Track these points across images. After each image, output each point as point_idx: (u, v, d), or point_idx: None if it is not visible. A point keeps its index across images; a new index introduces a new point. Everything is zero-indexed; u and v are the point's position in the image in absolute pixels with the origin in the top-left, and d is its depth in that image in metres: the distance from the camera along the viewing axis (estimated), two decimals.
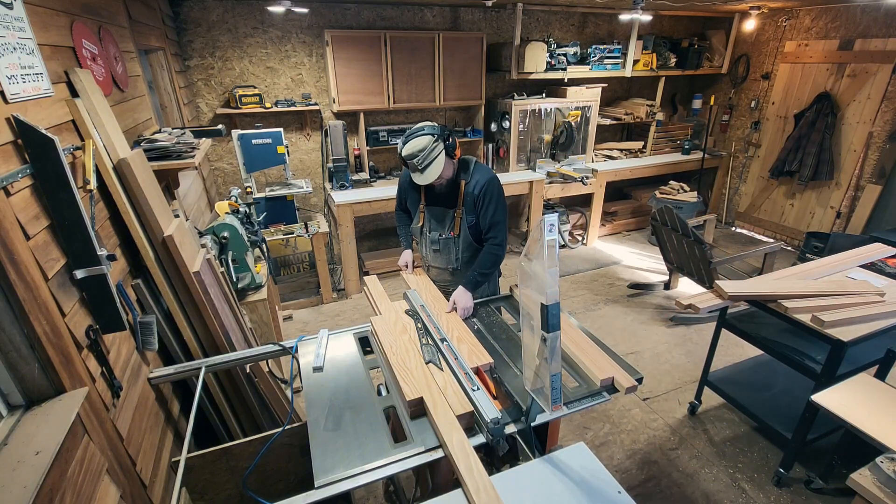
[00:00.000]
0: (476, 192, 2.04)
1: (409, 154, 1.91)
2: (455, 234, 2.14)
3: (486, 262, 2.06)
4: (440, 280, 2.31)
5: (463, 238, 2.14)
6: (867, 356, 2.28)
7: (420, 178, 1.95)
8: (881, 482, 1.51)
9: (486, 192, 2.03)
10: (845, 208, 4.65)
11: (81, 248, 1.31)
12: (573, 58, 4.75)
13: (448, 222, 2.15)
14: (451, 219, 2.14)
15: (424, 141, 1.90)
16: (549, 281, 1.06)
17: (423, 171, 1.93)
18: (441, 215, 2.16)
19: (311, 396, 1.53)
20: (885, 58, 4.21)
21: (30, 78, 1.30)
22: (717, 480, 2.35)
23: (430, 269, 2.33)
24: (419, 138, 1.91)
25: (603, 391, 1.53)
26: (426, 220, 2.21)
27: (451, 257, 2.21)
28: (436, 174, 1.94)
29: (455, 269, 2.24)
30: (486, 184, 2.03)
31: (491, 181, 2.05)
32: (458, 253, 2.19)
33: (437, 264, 2.27)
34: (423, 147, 1.89)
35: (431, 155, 1.91)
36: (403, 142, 1.95)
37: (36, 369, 1.15)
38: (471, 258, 2.19)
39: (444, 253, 2.21)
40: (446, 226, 2.16)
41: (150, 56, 3.08)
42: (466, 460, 1.23)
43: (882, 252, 2.78)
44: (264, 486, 1.68)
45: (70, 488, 1.09)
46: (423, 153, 1.89)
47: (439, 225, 2.18)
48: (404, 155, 1.93)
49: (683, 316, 3.75)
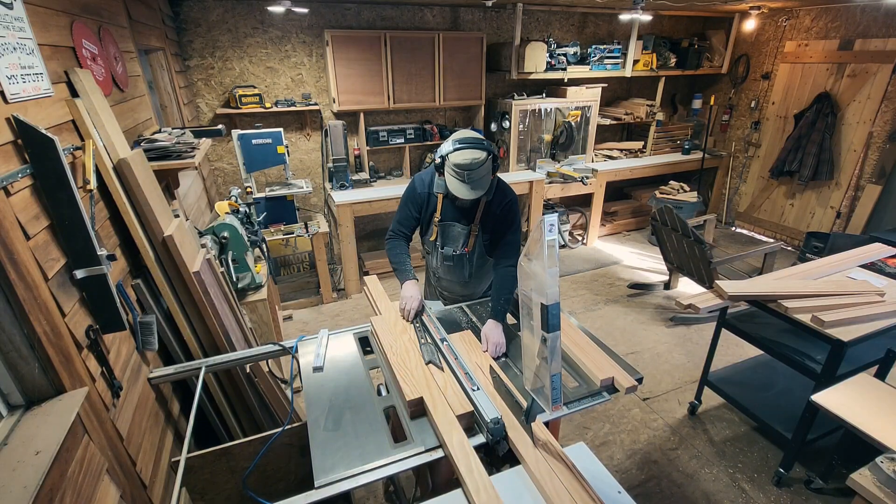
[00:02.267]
0: (498, 212, 1.95)
1: (466, 164, 1.72)
2: (469, 250, 2.05)
3: (507, 286, 1.89)
4: (450, 291, 2.26)
5: (477, 255, 2.07)
6: (867, 356, 2.28)
7: (465, 191, 1.76)
8: (881, 482, 1.51)
9: (509, 213, 1.95)
10: (845, 208, 4.65)
11: (81, 248, 1.31)
12: (573, 58, 4.75)
13: (463, 239, 2.03)
14: (466, 236, 2.02)
15: (482, 155, 1.73)
16: (549, 281, 1.06)
17: (473, 186, 1.76)
18: (456, 231, 2.03)
19: (311, 396, 1.53)
20: (885, 58, 4.21)
21: (30, 78, 1.30)
22: (717, 480, 2.35)
23: (440, 281, 2.25)
24: (477, 150, 1.74)
25: (603, 391, 1.53)
26: (439, 235, 2.07)
27: (463, 273, 2.14)
28: (481, 192, 1.79)
29: (466, 282, 2.19)
30: (508, 204, 1.94)
31: (514, 202, 1.97)
32: (471, 269, 2.12)
33: (448, 277, 2.20)
34: (480, 161, 1.73)
35: (484, 170, 1.76)
36: (454, 147, 1.75)
37: (36, 369, 1.15)
38: (483, 267, 2.14)
39: (457, 268, 2.12)
40: (461, 242, 2.04)
41: (150, 56, 3.08)
42: (466, 460, 1.23)
43: (882, 252, 2.78)
44: (264, 486, 1.68)
45: (70, 488, 1.09)
46: (482, 168, 1.74)
47: (453, 241, 2.06)
48: (458, 163, 1.72)
49: (683, 316, 3.76)
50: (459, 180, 1.76)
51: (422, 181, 2.02)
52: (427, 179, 2.01)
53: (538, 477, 1.20)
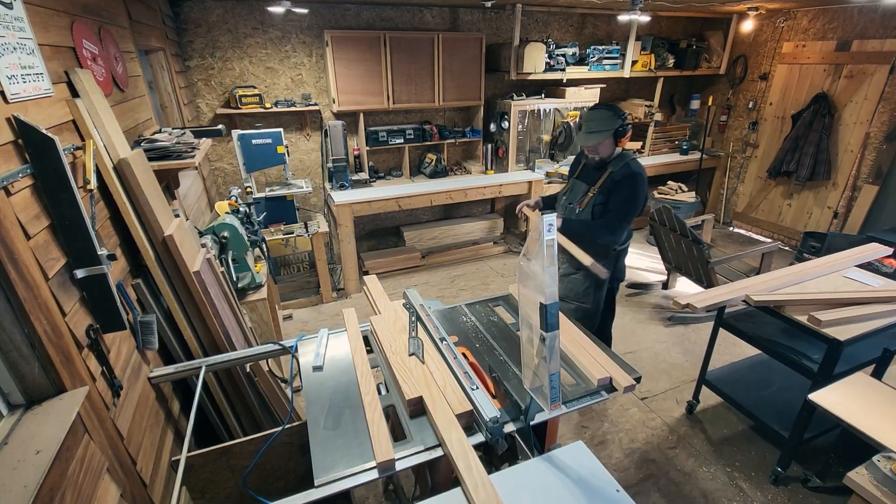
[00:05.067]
0: (617, 179, 2.23)
1: (588, 117, 2.22)
2: (581, 206, 2.33)
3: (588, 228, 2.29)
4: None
5: (585, 214, 2.33)
6: (864, 355, 2.29)
7: (582, 136, 2.22)
8: (878, 480, 1.52)
9: (624, 181, 2.22)
10: (842, 208, 4.67)
11: (82, 248, 1.32)
12: (572, 58, 4.76)
13: (580, 196, 2.36)
14: (583, 194, 2.35)
15: (606, 113, 2.20)
16: (547, 280, 1.07)
17: (588, 133, 2.19)
18: (579, 188, 2.38)
19: (311, 395, 1.54)
20: (882, 58, 4.23)
21: (30, 78, 1.30)
22: (714, 479, 2.36)
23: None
24: (603, 110, 2.23)
25: (601, 390, 1.54)
26: (568, 189, 2.47)
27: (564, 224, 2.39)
28: (595, 141, 2.19)
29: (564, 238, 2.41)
30: (628, 175, 2.22)
31: (634, 175, 2.22)
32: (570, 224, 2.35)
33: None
34: (601, 117, 2.20)
35: (603, 125, 2.18)
36: (590, 108, 2.33)
37: (36, 368, 1.15)
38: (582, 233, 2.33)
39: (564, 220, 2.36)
40: (578, 197, 2.37)
41: (150, 56, 3.08)
42: (465, 459, 1.23)
43: (879, 252, 2.79)
44: (264, 485, 1.68)
45: (70, 487, 1.09)
46: (598, 121, 2.19)
47: (574, 195, 2.40)
48: (584, 115, 2.26)
49: (681, 315, 3.77)
50: (580, 130, 2.23)
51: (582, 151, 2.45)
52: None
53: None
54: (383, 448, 1.27)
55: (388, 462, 1.25)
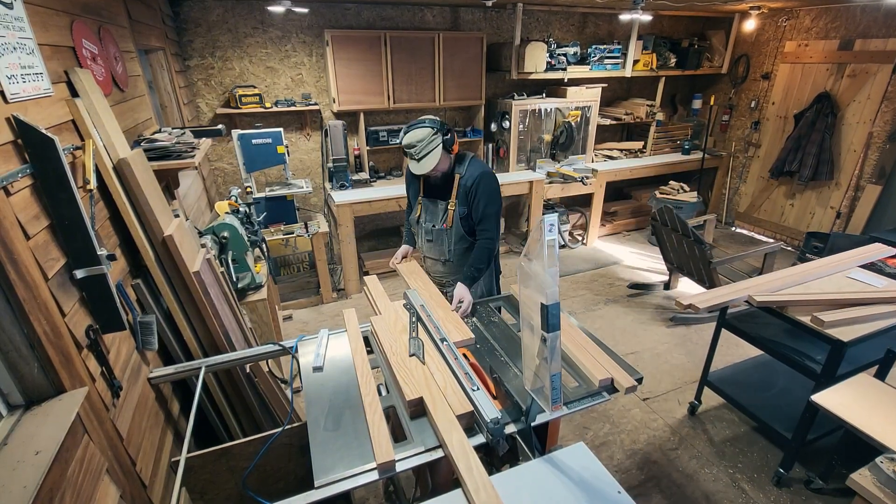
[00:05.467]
0: (469, 185, 2.12)
1: (408, 143, 2.02)
2: (447, 225, 2.21)
3: (481, 257, 2.13)
4: (434, 271, 2.40)
5: (455, 230, 2.22)
6: (867, 356, 2.28)
7: (416, 167, 2.05)
8: (881, 482, 1.51)
9: (478, 185, 2.10)
10: (845, 208, 4.65)
11: (81, 248, 1.31)
12: (573, 58, 4.75)
13: (441, 214, 2.23)
14: (443, 210, 2.21)
15: (424, 132, 2.00)
16: (548, 281, 1.06)
17: (420, 160, 2.02)
18: (435, 207, 2.24)
19: (311, 396, 1.53)
20: (885, 58, 4.21)
21: (30, 78, 1.30)
22: (716, 480, 2.35)
23: (425, 260, 2.41)
24: (419, 129, 2.02)
25: (602, 391, 1.53)
26: (422, 211, 2.29)
27: (443, 248, 2.28)
28: (431, 165, 2.02)
29: (447, 261, 2.31)
30: (478, 177, 2.11)
31: (484, 175, 2.12)
32: (450, 245, 2.26)
33: (431, 255, 2.36)
34: (421, 138, 2.00)
35: (429, 146, 2.00)
36: (404, 131, 2.07)
37: (36, 369, 1.15)
38: (464, 251, 2.26)
39: (437, 244, 2.29)
40: (439, 217, 2.24)
41: (150, 56, 3.08)
42: (466, 460, 1.22)
43: (882, 252, 2.78)
44: (264, 486, 1.68)
45: (70, 488, 1.09)
46: (421, 144, 2.00)
47: (433, 216, 2.26)
48: (404, 144, 2.04)
49: (683, 316, 3.76)
50: (410, 158, 2.05)
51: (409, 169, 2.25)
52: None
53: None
54: (384, 449, 1.27)
55: (389, 463, 1.24)
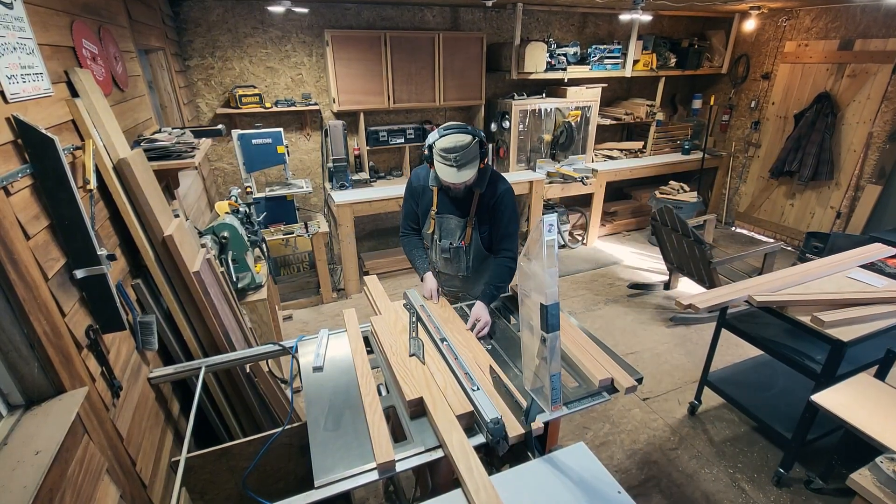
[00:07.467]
0: (491, 203, 1.98)
1: (450, 147, 1.77)
2: (466, 243, 2.08)
3: (502, 276, 1.99)
4: (450, 286, 2.29)
5: (474, 247, 2.09)
6: (867, 356, 2.28)
7: (453, 175, 1.81)
8: (881, 482, 1.51)
9: (502, 203, 1.97)
10: (845, 208, 4.65)
11: (81, 248, 1.31)
12: (573, 58, 4.75)
13: (459, 232, 2.08)
14: (462, 228, 2.06)
15: (467, 139, 1.79)
16: (548, 281, 1.06)
17: (461, 168, 1.80)
18: (453, 224, 2.08)
19: (311, 396, 1.53)
20: (885, 58, 4.21)
21: (30, 78, 1.30)
22: (717, 480, 2.35)
23: (439, 275, 2.27)
24: (461, 134, 1.80)
25: (602, 391, 1.53)
26: (436, 228, 2.12)
27: (461, 265, 2.16)
28: (470, 175, 1.82)
29: (465, 276, 2.20)
30: (501, 194, 1.97)
31: (507, 192, 1.98)
32: (468, 262, 2.14)
33: (447, 271, 2.23)
34: (466, 144, 1.78)
35: (471, 154, 1.80)
36: (440, 134, 1.82)
37: (36, 369, 1.15)
38: (481, 265, 2.15)
39: (455, 261, 2.16)
40: (457, 235, 2.09)
41: (150, 56, 3.08)
42: (466, 460, 1.22)
43: (882, 252, 2.78)
44: (264, 486, 1.68)
45: (70, 488, 1.09)
46: (466, 150, 1.78)
47: (450, 234, 2.10)
48: (444, 147, 1.78)
49: (683, 316, 3.76)
50: (448, 165, 1.80)
51: (417, 175, 2.12)
52: (423, 174, 2.09)
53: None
54: (384, 449, 1.27)
55: (389, 463, 1.24)
